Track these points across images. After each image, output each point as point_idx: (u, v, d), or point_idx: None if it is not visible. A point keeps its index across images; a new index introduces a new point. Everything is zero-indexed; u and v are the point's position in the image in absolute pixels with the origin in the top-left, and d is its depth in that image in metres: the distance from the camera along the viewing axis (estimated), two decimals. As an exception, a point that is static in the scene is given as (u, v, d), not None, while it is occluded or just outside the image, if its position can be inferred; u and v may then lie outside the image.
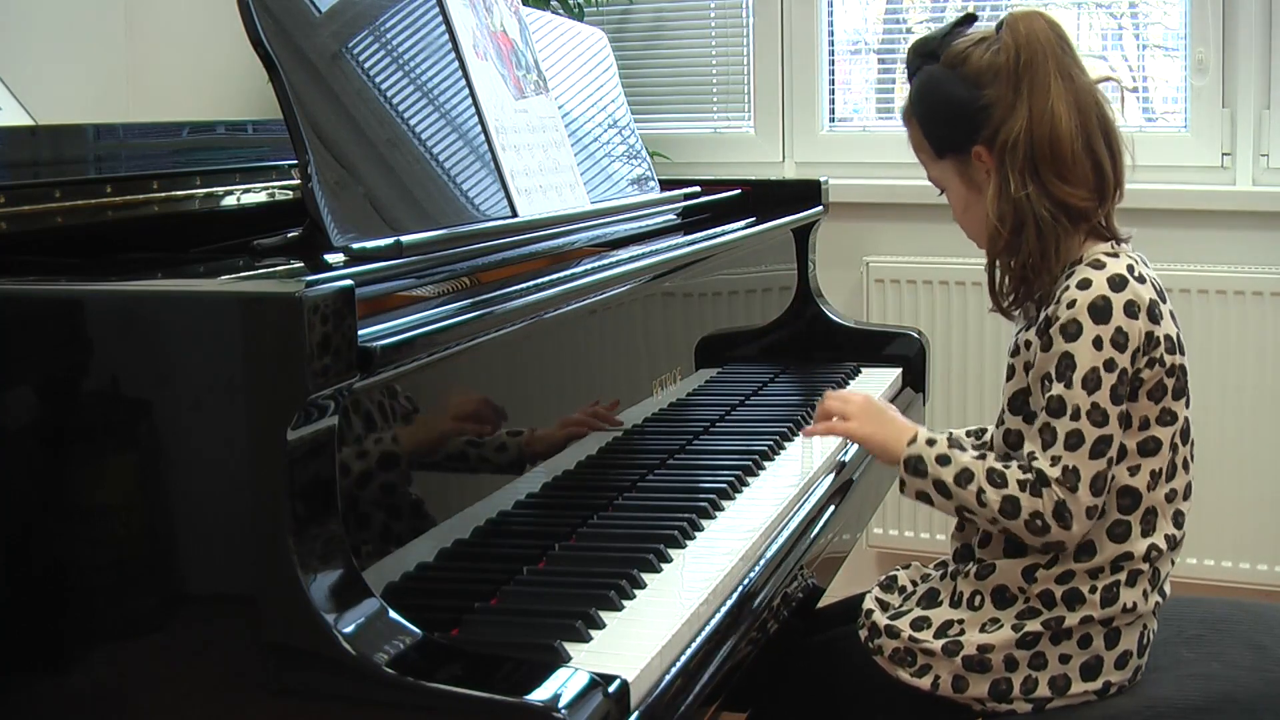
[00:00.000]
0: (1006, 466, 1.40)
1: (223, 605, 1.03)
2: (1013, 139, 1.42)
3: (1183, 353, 1.42)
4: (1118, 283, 1.38)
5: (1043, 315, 1.43)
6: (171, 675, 1.03)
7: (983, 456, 1.43)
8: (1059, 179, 1.42)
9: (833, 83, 3.27)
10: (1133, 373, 1.38)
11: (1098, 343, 1.36)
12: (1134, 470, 1.41)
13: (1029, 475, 1.38)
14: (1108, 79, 1.49)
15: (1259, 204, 2.84)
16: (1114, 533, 1.41)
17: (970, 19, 1.50)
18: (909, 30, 3.31)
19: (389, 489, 1.16)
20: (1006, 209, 1.44)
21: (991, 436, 1.53)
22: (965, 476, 1.41)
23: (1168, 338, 1.40)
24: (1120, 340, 1.36)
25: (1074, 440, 1.36)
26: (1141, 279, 1.40)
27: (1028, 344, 1.45)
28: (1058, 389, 1.37)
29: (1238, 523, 2.83)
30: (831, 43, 3.27)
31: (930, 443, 1.45)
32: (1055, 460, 1.37)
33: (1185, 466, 1.44)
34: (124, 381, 1.04)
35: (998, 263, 1.48)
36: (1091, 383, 1.36)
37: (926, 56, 1.50)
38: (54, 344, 1.05)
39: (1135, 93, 3.12)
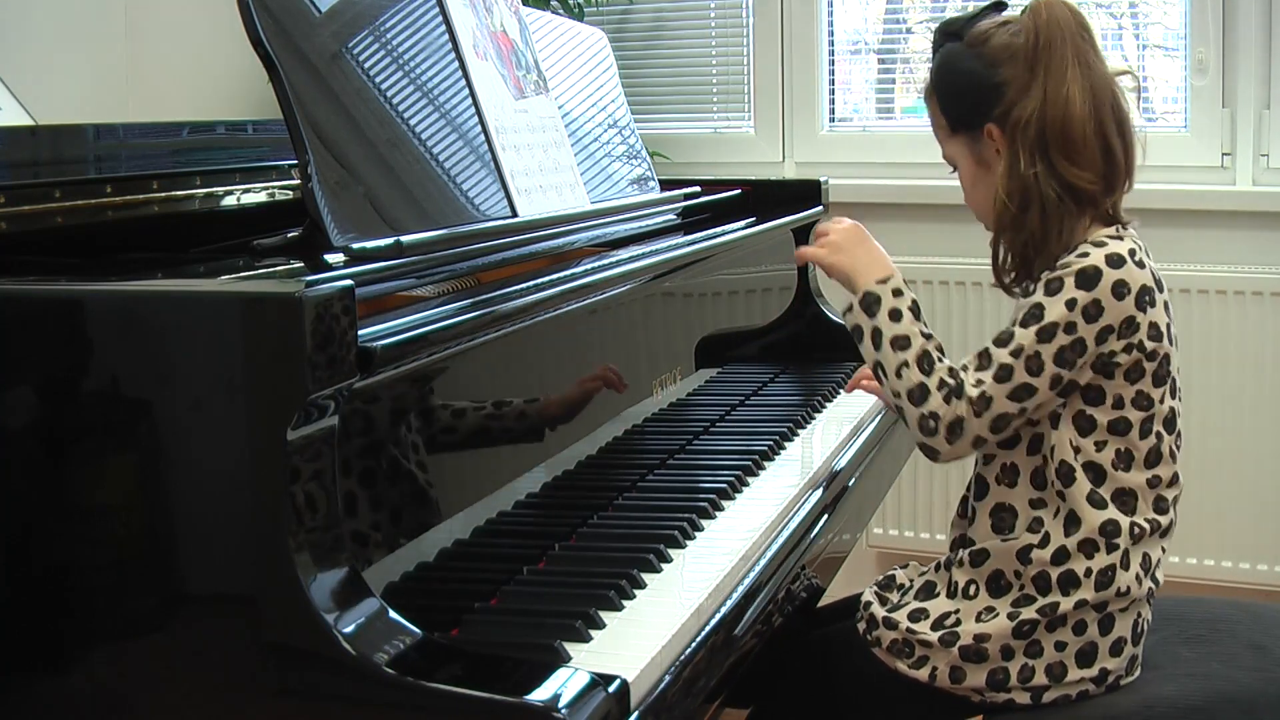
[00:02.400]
0: (941, 360, 1.43)
1: (223, 605, 1.03)
2: (1025, 118, 1.44)
3: (1171, 343, 1.44)
4: (1115, 260, 1.40)
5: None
6: (171, 675, 1.03)
7: (930, 336, 1.45)
8: (1068, 161, 1.44)
9: (833, 83, 3.27)
10: (1099, 350, 1.40)
11: (1071, 304, 1.39)
12: (1100, 445, 1.43)
13: (952, 381, 1.41)
14: (1125, 73, 1.51)
15: (1259, 204, 2.84)
16: (1092, 500, 1.42)
17: (1000, 5, 1.53)
18: (909, 30, 3.31)
19: (389, 489, 1.16)
20: (1015, 186, 1.46)
21: None
22: (902, 342, 1.44)
23: (1153, 325, 1.42)
24: (1092, 311, 1.39)
25: (1003, 374, 1.39)
26: (1141, 264, 1.42)
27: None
28: (1013, 327, 1.41)
29: (1238, 523, 2.83)
30: (831, 43, 3.27)
31: (897, 293, 1.46)
32: (979, 383, 1.40)
33: (1172, 456, 1.46)
34: (124, 381, 1.04)
35: (1002, 239, 1.50)
36: (1046, 334, 1.39)
37: (950, 35, 1.53)
38: (54, 344, 1.05)
39: (1137, 92, 3.11)
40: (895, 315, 1.45)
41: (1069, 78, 1.44)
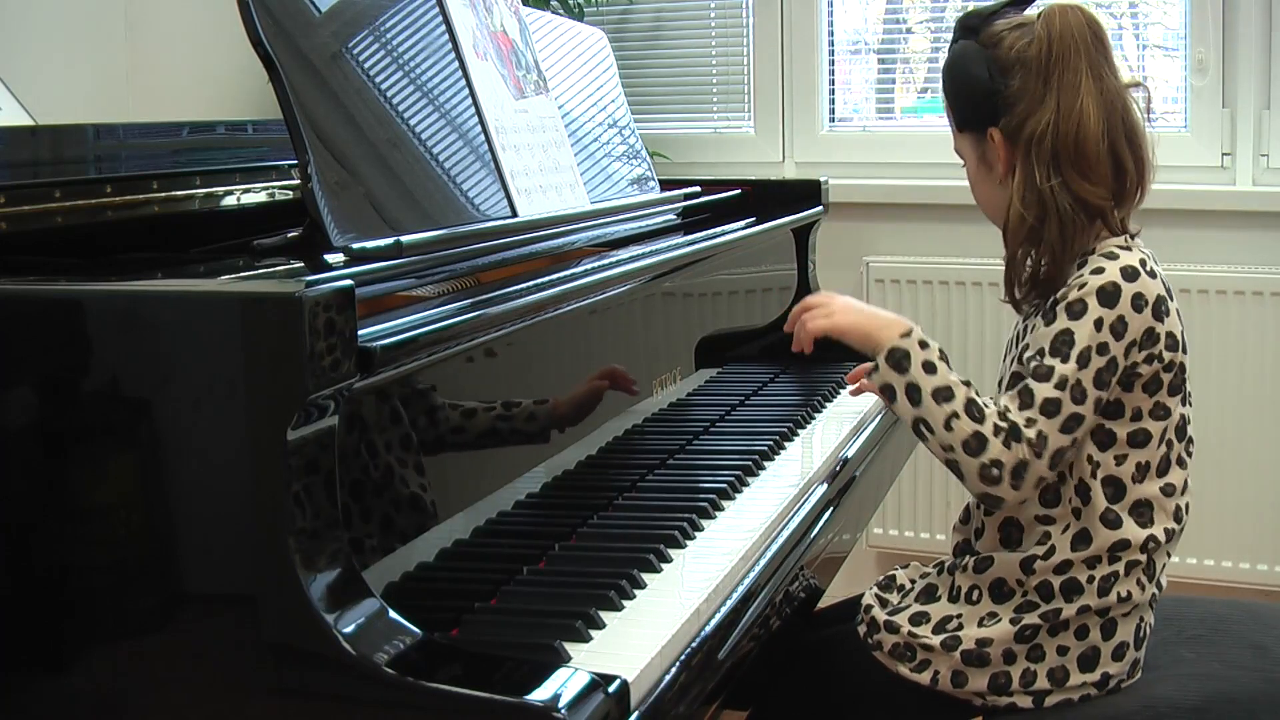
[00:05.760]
0: (988, 405, 1.40)
1: (223, 605, 1.03)
2: (1039, 132, 1.42)
3: (1184, 351, 1.43)
4: (1130, 274, 1.39)
5: (1051, 300, 1.43)
6: (171, 675, 1.03)
7: (968, 383, 1.42)
8: (1081, 176, 1.42)
9: (833, 83, 3.27)
10: (1126, 365, 1.39)
11: (1099, 324, 1.37)
12: (1120, 459, 1.42)
13: (1005, 424, 1.38)
14: (1136, 84, 1.48)
15: (1259, 204, 2.84)
16: (1106, 519, 1.42)
17: (1022, 3, 1.50)
18: (909, 30, 3.31)
19: (389, 489, 1.16)
20: (1032, 199, 1.44)
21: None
22: (944, 394, 1.39)
23: (1170, 335, 1.41)
24: (1119, 328, 1.38)
25: (1051, 408, 1.37)
26: (1153, 274, 1.41)
27: (1032, 329, 1.45)
28: (1049, 360, 1.38)
29: (1238, 523, 2.83)
30: (831, 43, 3.27)
31: (923, 345, 1.43)
32: (1030, 422, 1.37)
33: (1181, 463, 1.45)
34: (124, 381, 1.04)
35: (1019, 252, 1.47)
36: (1083, 360, 1.37)
37: (968, 30, 1.51)
38: (54, 344, 1.05)
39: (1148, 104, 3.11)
40: (929, 368, 1.41)
41: (1082, 91, 1.41)
